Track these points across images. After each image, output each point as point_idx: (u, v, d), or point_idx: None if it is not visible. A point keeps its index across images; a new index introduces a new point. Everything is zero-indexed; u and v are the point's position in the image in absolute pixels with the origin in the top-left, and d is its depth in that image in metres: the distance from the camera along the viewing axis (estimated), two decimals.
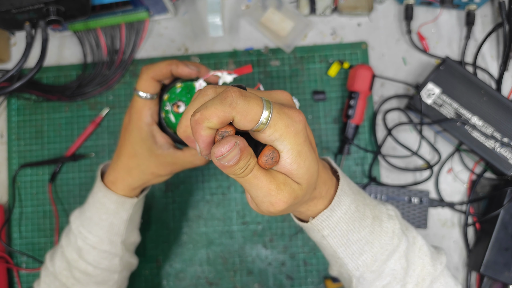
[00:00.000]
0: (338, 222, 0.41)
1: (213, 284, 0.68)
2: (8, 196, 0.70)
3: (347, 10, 0.70)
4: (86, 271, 0.54)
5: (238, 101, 0.29)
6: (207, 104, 0.30)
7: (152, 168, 0.52)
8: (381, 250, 0.42)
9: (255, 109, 0.30)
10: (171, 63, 0.49)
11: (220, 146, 0.29)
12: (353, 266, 0.43)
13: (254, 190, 0.32)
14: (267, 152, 0.32)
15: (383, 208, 0.45)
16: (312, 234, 0.43)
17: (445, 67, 0.65)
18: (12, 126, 0.71)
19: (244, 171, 0.30)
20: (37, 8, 0.56)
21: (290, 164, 0.32)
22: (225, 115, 0.29)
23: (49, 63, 0.72)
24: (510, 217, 0.63)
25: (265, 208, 0.33)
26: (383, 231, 0.43)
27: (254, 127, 0.30)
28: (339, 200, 0.40)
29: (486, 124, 0.64)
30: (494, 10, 0.72)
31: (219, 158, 0.29)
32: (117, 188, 0.53)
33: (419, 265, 0.44)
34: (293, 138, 0.32)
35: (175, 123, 0.52)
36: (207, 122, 0.29)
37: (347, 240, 0.42)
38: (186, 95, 0.52)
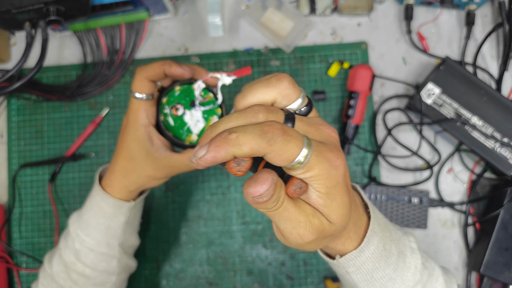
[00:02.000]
0: (365, 262, 0.40)
1: (213, 284, 0.68)
2: (8, 196, 0.70)
3: (347, 10, 0.70)
4: (83, 273, 0.54)
5: (277, 139, 0.27)
6: (248, 129, 0.27)
7: (148, 171, 0.52)
8: (402, 286, 0.42)
9: (292, 151, 0.28)
10: (164, 63, 0.49)
11: (257, 185, 0.27)
12: None
13: (283, 222, 0.31)
14: (295, 181, 0.30)
15: (406, 241, 0.45)
16: (336, 269, 0.42)
17: (445, 67, 0.65)
18: (12, 126, 0.71)
19: (275, 205, 0.29)
20: (37, 8, 0.56)
21: (316, 198, 0.31)
22: (259, 150, 0.27)
23: (49, 63, 0.72)
24: (510, 217, 0.63)
25: (293, 239, 0.32)
26: (406, 266, 0.42)
27: (286, 166, 0.29)
28: (368, 241, 0.39)
29: (486, 124, 0.64)
30: (494, 10, 0.72)
31: (256, 198, 0.27)
32: (114, 191, 0.53)
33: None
34: (324, 180, 0.30)
35: (174, 126, 0.52)
36: (237, 148, 0.27)
37: (370, 277, 0.41)
38: (185, 97, 0.52)
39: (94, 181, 0.54)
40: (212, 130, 0.30)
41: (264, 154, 0.28)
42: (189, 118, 0.52)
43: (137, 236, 0.59)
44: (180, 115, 0.52)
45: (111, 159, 0.55)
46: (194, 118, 0.52)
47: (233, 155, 0.28)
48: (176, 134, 0.52)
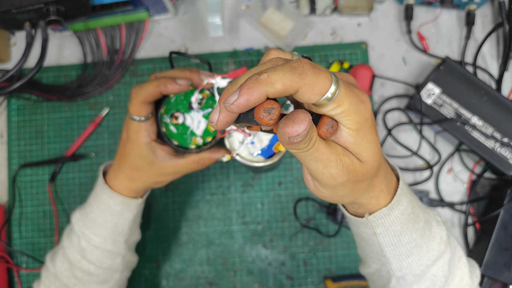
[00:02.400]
0: (394, 222, 0.40)
1: (213, 284, 0.68)
2: (8, 196, 0.70)
3: (347, 10, 0.70)
4: (88, 271, 0.54)
5: (308, 72, 0.27)
6: (277, 68, 0.27)
7: (154, 178, 0.53)
8: (428, 255, 0.42)
9: (324, 83, 0.28)
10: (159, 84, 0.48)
11: (295, 125, 0.26)
12: (397, 267, 0.42)
13: (314, 163, 0.30)
14: (327, 120, 0.30)
15: (431, 213, 0.45)
16: (363, 229, 0.41)
17: (445, 67, 0.65)
18: (12, 126, 0.71)
19: (307, 145, 0.29)
20: (37, 8, 0.56)
21: (347, 136, 0.31)
22: (292, 85, 0.27)
23: (49, 63, 0.72)
24: (510, 217, 0.63)
25: (325, 180, 0.32)
26: (432, 236, 0.42)
27: (318, 101, 0.28)
28: (399, 200, 0.39)
29: (486, 124, 0.64)
30: (494, 10, 0.72)
31: (293, 138, 0.27)
32: (121, 192, 0.53)
33: (458, 275, 0.44)
34: (354, 116, 0.30)
35: (177, 133, 0.52)
36: (270, 86, 0.27)
37: (398, 241, 0.41)
38: (182, 102, 0.52)
39: (98, 180, 0.55)
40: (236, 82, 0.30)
41: (297, 89, 0.27)
42: (190, 121, 0.52)
43: (139, 230, 0.60)
44: (181, 122, 0.52)
45: (113, 159, 0.55)
46: (195, 120, 0.52)
47: (266, 95, 0.27)
48: (181, 140, 0.53)
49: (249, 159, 0.51)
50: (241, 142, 0.51)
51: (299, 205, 0.68)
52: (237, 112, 0.28)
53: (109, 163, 0.57)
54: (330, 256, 0.68)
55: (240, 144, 0.51)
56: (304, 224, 0.68)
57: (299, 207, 0.68)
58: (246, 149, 0.51)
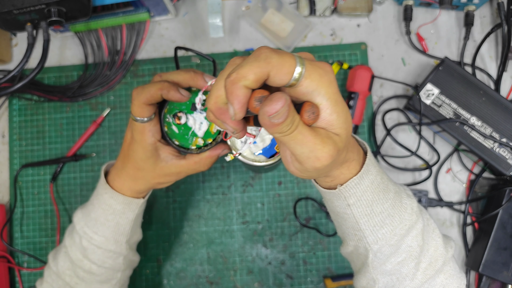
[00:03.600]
0: (365, 191, 0.41)
1: (214, 283, 0.68)
2: (10, 196, 0.70)
3: (347, 11, 0.70)
4: (90, 270, 0.54)
5: (272, 56, 0.29)
6: (242, 64, 0.30)
7: (157, 179, 0.53)
8: (401, 225, 0.43)
9: (290, 61, 0.30)
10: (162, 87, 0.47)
11: (273, 103, 0.28)
12: (372, 239, 0.43)
13: (299, 147, 0.32)
14: (307, 107, 0.32)
15: (401, 187, 0.47)
16: (337, 202, 0.43)
17: (444, 68, 0.65)
18: (14, 126, 0.71)
19: (290, 127, 0.30)
20: (39, 9, 0.56)
21: (330, 114, 0.32)
22: (262, 71, 0.29)
23: (50, 63, 0.73)
24: (509, 217, 0.64)
25: (310, 164, 0.33)
26: (403, 206, 0.44)
27: (289, 80, 0.30)
28: (368, 169, 0.41)
29: (484, 124, 0.64)
30: (493, 11, 0.72)
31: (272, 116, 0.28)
32: (124, 192, 0.53)
33: (432, 245, 0.45)
34: (328, 88, 0.32)
35: (178, 133, 0.52)
36: (243, 81, 0.29)
37: (370, 211, 0.42)
38: (185, 102, 0.52)
39: (100, 180, 0.55)
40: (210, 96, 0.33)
41: (268, 73, 0.29)
42: (192, 122, 0.52)
43: (141, 230, 0.60)
44: (183, 122, 0.52)
45: (115, 159, 0.55)
46: (197, 121, 0.52)
47: (246, 88, 0.29)
48: (182, 140, 0.53)
49: (251, 158, 0.52)
50: (243, 142, 0.52)
51: (299, 205, 0.69)
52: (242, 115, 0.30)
53: (111, 162, 0.57)
54: (330, 255, 0.68)
55: (242, 143, 0.52)
56: (303, 223, 0.68)
57: (298, 207, 0.69)
58: (248, 148, 0.52)
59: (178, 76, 0.50)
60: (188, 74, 0.50)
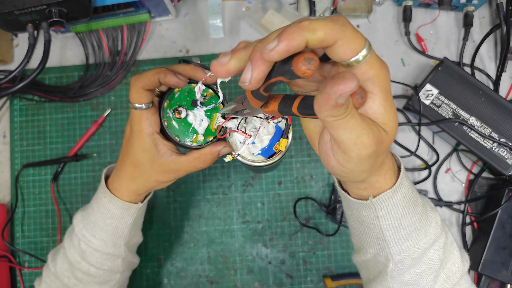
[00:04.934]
0: (396, 205, 0.40)
1: (214, 282, 0.68)
2: (11, 195, 0.71)
3: (346, 12, 0.71)
4: (88, 272, 0.54)
5: (348, 26, 0.27)
6: (318, 19, 0.27)
7: (156, 176, 0.52)
8: (425, 238, 0.43)
9: (360, 40, 0.28)
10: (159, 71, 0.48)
11: (348, 81, 0.25)
12: (396, 250, 0.42)
13: (348, 131, 0.30)
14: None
15: (425, 199, 0.46)
16: (365, 213, 0.42)
17: (443, 68, 0.65)
18: (15, 127, 0.72)
19: (347, 110, 0.28)
20: (40, 10, 0.57)
21: (378, 106, 0.31)
22: (333, 34, 0.27)
23: (51, 64, 0.73)
24: (508, 217, 0.64)
25: (357, 151, 0.31)
26: (428, 220, 0.43)
27: (352, 57, 0.28)
28: (402, 182, 0.40)
29: (484, 125, 0.64)
30: (492, 12, 0.73)
31: (342, 96, 0.26)
32: (122, 194, 0.53)
33: (451, 259, 0.45)
34: (383, 82, 0.30)
35: (179, 128, 0.52)
36: (311, 33, 0.26)
37: (399, 224, 0.41)
38: (186, 98, 0.52)
39: (100, 182, 0.55)
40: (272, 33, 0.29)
41: (336, 40, 0.27)
42: (192, 119, 0.53)
43: (141, 233, 0.60)
44: (183, 117, 0.52)
45: (116, 161, 0.55)
46: (198, 118, 0.53)
47: (307, 41, 0.26)
48: (182, 136, 0.53)
49: (250, 158, 0.52)
50: (242, 142, 0.52)
51: (299, 205, 0.69)
52: (278, 58, 0.27)
53: (112, 166, 0.57)
54: (330, 255, 0.68)
55: (241, 144, 0.52)
56: (303, 223, 0.68)
57: (298, 207, 0.69)
58: (247, 149, 0.52)
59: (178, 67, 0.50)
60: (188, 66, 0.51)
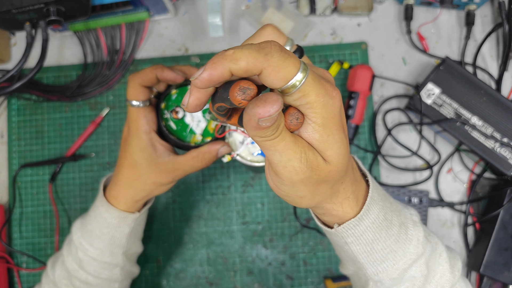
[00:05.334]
0: (365, 231, 0.38)
1: (213, 284, 0.68)
2: (9, 196, 0.70)
3: (347, 10, 0.70)
4: (86, 281, 0.54)
5: (275, 54, 0.26)
6: (244, 47, 0.27)
7: (153, 178, 0.51)
8: (404, 259, 0.41)
9: (290, 68, 0.27)
10: (156, 67, 0.48)
11: (267, 105, 0.25)
12: (372, 272, 0.41)
13: (278, 154, 0.29)
14: (292, 111, 0.29)
15: (407, 214, 0.44)
16: (335, 238, 0.41)
17: (445, 67, 0.65)
18: (13, 126, 0.71)
19: (274, 133, 0.28)
20: (37, 8, 0.56)
21: (312, 131, 0.29)
22: (256, 64, 0.26)
23: (49, 63, 0.72)
24: (510, 217, 0.63)
25: (287, 174, 0.30)
26: (408, 239, 0.41)
27: (282, 86, 0.27)
28: (368, 209, 0.38)
29: (486, 124, 0.64)
30: (494, 10, 0.72)
31: (263, 120, 0.26)
32: (119, 202, 0.52)
33: (439, 272, 0.43)
34: (320, 109, 0.29)
35: (176, 129, 0.52)
36: (233, 63, 0.26)
37: (371, 249, 0.40)
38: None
39: (98, 191, 0.54)
40: None
41: (261, 70, 0.26)
42: (190, 119, 0.52)
43: (141, 243, 0.59)
44: (181, 118, 0.52)
45: (114, 160, 0.55)
46: (195, 119, 0.52)
47: (229, 71, 0.26)
48: (180, 137, 0.52)
49: (249, 159, 0.51)
50: (241, 142, 0.52)
51: None
52: (202, 86, 0.27)
53: (110, 175, 0.57)
54: (330, 256, 0.68)
55: (240, 144, 0.52)
56: (304, 224, 0.68)
57: (299, 207, 0.68)
58: (247, 149, 0.51)
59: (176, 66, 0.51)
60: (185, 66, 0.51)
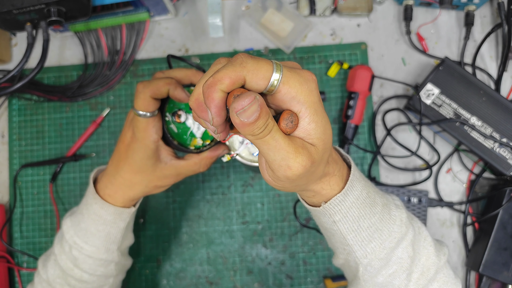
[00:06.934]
0: (350, 207, 0.40)
1: (213, 283, 0.68)
2: (9, 196, 0.70)
3: (347, 11, 0.70)
4: (81, 279, 0.53)
5: (248, 61, 0.30)
6: (219, 69, 0.30)
7: (155, 182, 0.52)
8: (390, 238, 0.42)
9: (265, 67, 0.30)
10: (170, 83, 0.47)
11: (240, 100, 0.28)
12: (361, 254, 0.43)
13: (272, 153, 0.31)
14: (286, 115, 0.31)
15: (390, 198, 0.46)
16: (323, 219, 0.42)
17: (444, 68, 0.65)
18: (13, 126, 0.71)
19: (263, 131, 0.30)
20: (38, 9, 0.56)
21: (308, 123, 0.32)
22: (237, 75, 0.29)
23: (50, 63, 0.73)
24: (509, 217, 0.63)
25: (282, 172, 0.32)
26: (392, 219, 0.43)
27: (267, 86, 0.30)
28: (352, 185, 0.40)
29: (485, 124, 0.64)
30: (493, 11, 0.72)
31: (239, 113, 0.28)
32: (116, 201, 0.52)
33: (424, 255, 0.45)
34: (308, 96, 0.31)
35: (177, 132, 0.52)
36: (219, 85, 0.29)
37: (357, 227, 0.41)
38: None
39: (88, 188, 0.53)
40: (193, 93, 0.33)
41: (244, 78, 0.30)
42: (191, 122, 0.52)
43: (132, 234, 0.59)
44: (183, 121, 0.52)
45: (107, 166, 0.54)
46: (196, 122, 0.52)
47: (222, 92, 0.29)
48: (181, 140, 0.52)
49: (249, 159, 0.52)
50: (241, 142, 0.52)
51: (299, 205, 0.69)
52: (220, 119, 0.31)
53: (100, 168, 0.56)
54: (330, 255, 0.68)
55: (240, 144, 0.52)
56: (303, 223, 0.68)
57: (298, 207, 0.69)
58: (246, 149, 0.52)
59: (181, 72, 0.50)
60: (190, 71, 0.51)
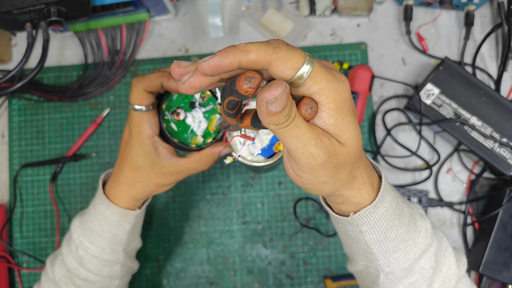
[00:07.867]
0: (379, 219, 0.40)
1: (213, 283, 0.68)
2: (9, 196, 0.70)
3: (347, 11, 0.70)
4: (87, 279, 0.54)
5: (282, 47, 0.28)
6: (254, 42, 0.29)
7: (156, 180, 0.52)
8: (415, 249, 0.42)
9: (297, 58, 0.29)
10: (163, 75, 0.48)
11: (272, 89, 0.27)
12: (384, 263, 0.42)
13: (294, 140, 0.30)
14: (306, 101, 0.30)
15: (415, 207, 0.45)
16: (349, 228, 0.42)
17: (444, 68, 0.65)
18: (13, 126, 0.71)
19: (287, 119, 0.29)
20: (38, 9, 0.56)
21: (327, 117, 0.31)
22: (265, 56, 0.28)
23: (50, 63, 0.73)
24: (509, 217, 0.63)
25: (305, 160, 0.31)
26: (417, 229, 0.43)
27: (292, 77, 0.29)
28: (383, 197, 0.39)
29: (485, 124, 0.64)
30: (493, 11, 0.72)
31: (270, 102, 0.27)
32: (120, 201, 0.53)
33: (445, 265, 0.44)
34: (333, 94, 0.30)
35: (177, 131, 0.52)
36: (244, 54, 0.28)
37: (384, 238, 0.41)
38: (184, 100, 0.52)
39: (98, 188, 0.54)
40: None
41: (270, 62, 0.28)
42: (191, 120, 0.52)
43: (140, 238, 0.59)
44: (182, 119, 0.52)
45: (114, 160, 0.54)
46: (196, 120, 0.52)
47: (239, 61, 0.28)
48: (181, 138, 0.52)
49: (250, 159, 0.52)
50: (242, 143, 0.52)
51: (299, 205, 0.69)
52: (208, 72, 0.28)
53: (110, 171, 0.57)
54: (330, 255, 0.68)
55: (241, 145, 0.52)
56: (304, 223, 0.68)
57: (299, 207, 0.69)
58: (247, 149, 0.52)
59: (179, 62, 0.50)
60: None
